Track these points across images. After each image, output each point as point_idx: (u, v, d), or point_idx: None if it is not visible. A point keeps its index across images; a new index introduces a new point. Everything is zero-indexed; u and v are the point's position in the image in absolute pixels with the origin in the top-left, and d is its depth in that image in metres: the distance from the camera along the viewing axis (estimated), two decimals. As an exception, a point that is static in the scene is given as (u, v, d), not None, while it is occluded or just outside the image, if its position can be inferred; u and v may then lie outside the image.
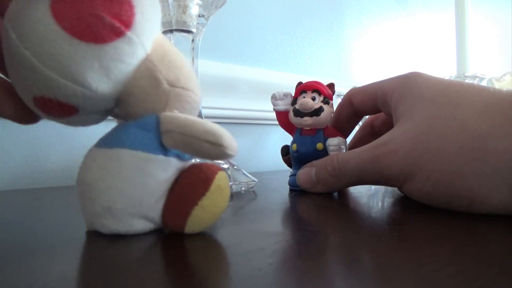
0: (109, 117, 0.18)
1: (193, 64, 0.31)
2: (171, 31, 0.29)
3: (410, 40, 0.87)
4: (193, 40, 0.30)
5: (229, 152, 0.15)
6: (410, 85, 0.24)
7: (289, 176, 0.31)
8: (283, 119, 0.32)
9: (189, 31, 0.29)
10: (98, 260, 0.14)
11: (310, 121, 0.29)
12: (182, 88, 0.16)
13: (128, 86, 0.16)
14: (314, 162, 0.28)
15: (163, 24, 0.29)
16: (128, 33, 0.14)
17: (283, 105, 0.32)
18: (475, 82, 0.62)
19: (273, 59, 0.61)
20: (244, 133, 0.57)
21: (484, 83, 0.65)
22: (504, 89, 0.21)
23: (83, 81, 0.14)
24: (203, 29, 0.31)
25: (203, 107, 0.32)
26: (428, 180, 0.21)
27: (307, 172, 0.28)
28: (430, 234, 0.17)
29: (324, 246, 0.15)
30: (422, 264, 0.12)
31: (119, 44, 0.14)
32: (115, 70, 0.15)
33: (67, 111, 0.15)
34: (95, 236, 0.17)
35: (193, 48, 0.30)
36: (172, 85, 0.16)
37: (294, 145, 0.30)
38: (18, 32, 0.14)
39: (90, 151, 0.17)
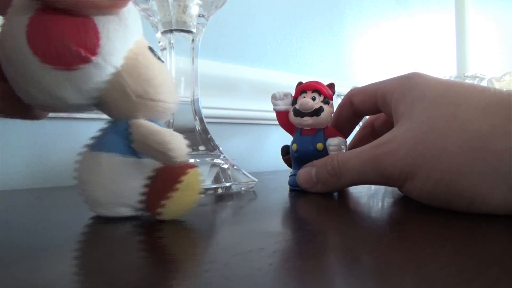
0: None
1: (193, 64, 0.31)
2: (171, 31, 0.29)
3: (410, 40, 0.87)
4: (193, 40, 0.30)
5: (176, 160, 0.17)
6: (410, 85, 0.24)
7: (289, 176, 0.31)
8: (283, 119, 0.32)
9: (189, 31, 0.29)
10: (99, 260, 0.14)
11: (310, 121, 0.29)
12: (151, 99, 0.18)
13: (102, 96, 0.18)
14: (314, 161, 0.28)
15: (163, 24, 0.29)
16: (94, 60, 0.16)
17: (283, 105, 0.32)
18: (475, 82, 0.61)
19: (273, 59, 0.61)
20: (244, 133, 0.57)
21: (484, 83, 0.65)
22: (504, 89, 0.21)
23: (59, 97, 0.16)
24: (203, 29, 0.31)
25: (203, 107, 0.32)
26: (428, 180, 0.21)
27: (307, 171, 0.28)
28: (430, 234, 0.17)
29: (324, 246, 0.15)
30: (422, 264, 0.12)
31: (86, 68, 0.16)
32: (86, 88, 0.17)
33: (57, 111, 0.18)
34: (95, 237, 0.17)
35: (193, 48, 0.30)
36: (140, 97, 0.18)
37: (294, 145, 0.30)
38: (5, 57, 0.16)
39: (82, 151, 0.19)
